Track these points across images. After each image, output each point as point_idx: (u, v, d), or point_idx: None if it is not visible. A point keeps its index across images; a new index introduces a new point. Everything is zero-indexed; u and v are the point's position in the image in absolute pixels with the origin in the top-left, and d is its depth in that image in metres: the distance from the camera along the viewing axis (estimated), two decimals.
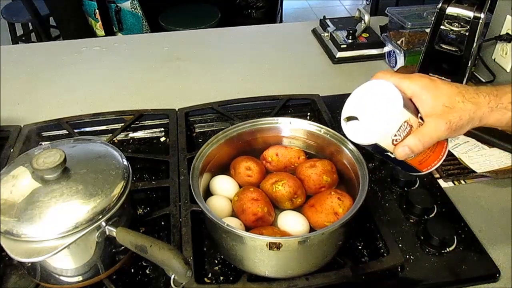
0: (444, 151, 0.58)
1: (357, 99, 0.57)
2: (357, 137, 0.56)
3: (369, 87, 0.56)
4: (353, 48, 1.21)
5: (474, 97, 0.54)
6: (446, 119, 0.53)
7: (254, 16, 2.64)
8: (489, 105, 0.54)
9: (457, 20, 0.91)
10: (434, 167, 0.59)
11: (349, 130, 0.56)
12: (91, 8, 2.22)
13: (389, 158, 0.57)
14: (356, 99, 0.57)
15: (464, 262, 0.68)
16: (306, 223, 0.68)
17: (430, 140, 0.53)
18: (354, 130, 0.56)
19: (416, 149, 0.53)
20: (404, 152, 0.53)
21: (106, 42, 1.36)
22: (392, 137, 0.53)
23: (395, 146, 0.54)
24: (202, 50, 1.30)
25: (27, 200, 0.56)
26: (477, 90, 0.55)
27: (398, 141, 0.53)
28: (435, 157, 0.58)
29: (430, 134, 0.53)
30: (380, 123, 0.53)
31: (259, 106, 1.01)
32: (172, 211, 0.73)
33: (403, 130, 0.53)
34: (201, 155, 0.70)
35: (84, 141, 0.70)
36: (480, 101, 0.54)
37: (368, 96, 0.56)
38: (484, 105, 0.54)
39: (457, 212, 0.76)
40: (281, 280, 0.63)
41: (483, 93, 0.54)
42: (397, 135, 0.53)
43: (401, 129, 0.52)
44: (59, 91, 1.12)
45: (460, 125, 0.53)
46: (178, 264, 0.52)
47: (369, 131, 0.54)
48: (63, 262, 0.60)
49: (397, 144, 0.53)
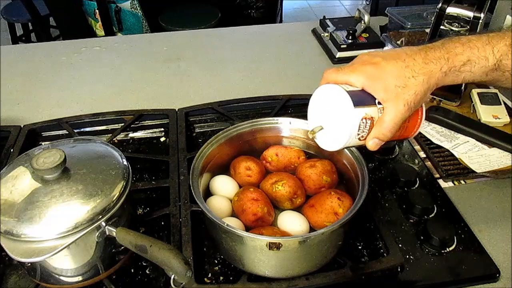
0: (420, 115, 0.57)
1: (315, 108, 0.58)
2: (328, 145, 0.56)
3: (320, 93, 0.57)
4: (353, 48, 1.21)
5: (423, 67, 0.53)
6: (403, 100, 0.52)
7: (254, 16, 2.64)
8: (442, 70, 0.53)
9: (457, 20, 0.92)
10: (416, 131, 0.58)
11: (320, 140, 0.57)
12: (91, 8, 2.22)
13: None
14: (314, 109, 0.58)
15: (464, 262, 0.68)
16: (306, 223, 0.68)
17: (395, 125, 0.53)
18: (324, 139, 0.56)
19: (385, 138, 0.53)
20: (375, 143, 0.53)
21: (106, 42, 1.36)
22: (357, 136, 0.53)
23: (365, 141, 0.54)
24: (202, 50, 1.30)
25: (27, 200, 0.56)
26: (425, 58, 0.53)
27: (364, 136, 0.53)
28: (413, 124, 0.57)
29: (392, 120, 0.52)
30: (339, 128, 0.53)
31: (259, 106, 1.02)
32: (172, 211, 0.73)
33: (364, 126, 0.53)
34: (201, 155, 0.70)
35: (84, 141, 0.70)
36: (431, 68, 0.53)
37: (322, 104, 0.56)
38: (436, 72, 0.53)
39: (457, 212, 0.76)
40: (281, 280, 0.63)
41: (433, 60, 0.53)
42: (360, 133, 0.53)
43: (361, 126, 0.52)
44: (59, 91, 1.12)
45: (418, 99, 0.53)
46: (178, 264, 0.52)
47: (334, 138, 0.54)
48: (63, 262, 0.60)
49: (365, 139, 0.53)
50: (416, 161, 0.86)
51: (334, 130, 0.55)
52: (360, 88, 0.54)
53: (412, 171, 0.82)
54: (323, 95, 0.57)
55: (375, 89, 0.53)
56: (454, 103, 0.99)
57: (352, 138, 0.53)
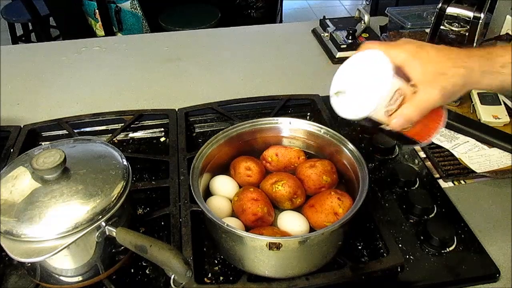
0: (441, 118, 0.56)
1: (346, 72, 0.54)
2: (348, 112, 0.53)
3: (357, 59, 0.54)
4: (353, 48, 1.21)
5: (466, 62, 0.52)
6: (439, 85, 0.50)
7: (254, 16, 2.64)
8: (481, 69, 0.52)
9: (457, 20, 0.92)
10: (433, 136, 0.56)
11: (340, 105, 0.54)
12: (91, 8, 2.22)
13: (383, 131, 0.54)
14: (345, 73, 0.54)
15: (464, 262, 0.68)
16: (306, 223, 0.68)
17: (424, 108, 0.51)
18: (345, 105, 0.53)
19: (411, 118, 0.51)
20: (399, 122, 0.51)
21: (106, 42, 1.36)
22: (385, 108, 0.51)
23: (389, 117, 0.52)
24: (202, 50, 1.30)
25: (27, 200, 0.56)
26: (469, 54, 0.53)
27: (392, 111, 0.51)
28: (433, 126, 0.55)
29: (424, 102, 0.51)
30: (371, 94, 0.50)
31: (259, 106, 1.01)
32: (172, 211, 0.73)
33: (395, 100, 0.50)
34: (201, 155, 0.70)
35: (84, 141, 0.70)
36: (472, 65, 0.52)
37: (357, 68, 0.53)
38: (476, 69, 0.52)
39: (457, 212, 0.76)
40: (281, 280, 0.63)
41: (475, 57, 0.52)
42: (388, 106, 0.50)
43: (394, 98, 0.50)
44: (59, 91, 1.12)
45: (454, 91, 0.51)
46: (178, 264, 0.52)
47: (361, 104, 0.51)
48: (63, 262, 0.60)
49: (391, 115, 0.51)
50: (416, 161, 0.86)
51: (363, 96, 0.51)
52: (399, 64, 0.52)
53: (412, 171, 0.82)
54: (360, 59, 0.54)
55: (414, 67, 0.51)
56: (454, 103, 0.99)
57: (380, 108, 0.50)
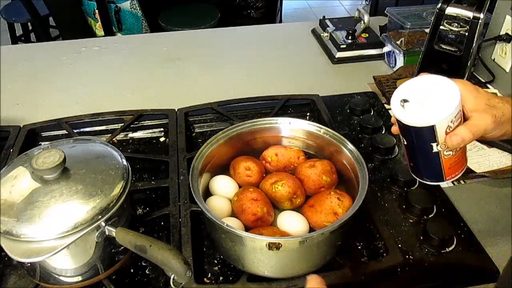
0: (466, 164, 0.62)
1: (412, 86, 0.59)
2: (415, 118, 0.57)
3: (424, 79, 0.59)
4: (352, 48, 1.21)
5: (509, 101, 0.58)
6: (491, 113, 0.56)
7: (254, 16, 2.64)
8: None
9: (457, 20, 0.91)
10: (457, 176, 0.61)
11: (404, 112, 0.58)
12: (91, 8, 2.22)
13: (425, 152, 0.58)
14: (411, 87, 0.59)
15: (464, 262, 0.68)
16: (305, 223, 0.68)
17: (478, 131, 0.56)
18: (411, 112, 0.58)
19: (467, 138, 0.56)
20: (456, 140, 0.56)
21: (105, 42, 1.36)
22: (449, 123, 0.55)
23: (447, 134, 0.56)
24: (202, 50, 1.30)
25: (26, 200, 0.56)
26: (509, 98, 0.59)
27: (451, 129, 0.56)
28: (460, 165, 0.61)
29: (478, 126, 0.56)
30: (441, 107, 0.55)
31: (259, 106, 1.01)
32: (171, 211, 0.73)
33: (457, 119, 0.56)
34: (200, 155, 0.70)
35: (84, 141, 0.70)
36: None
37: (425, 85, 0.58)
38: None
39: (456, 212, 0.76)
40: (281, 280, 0.63)
41: None
42: (453, 121, 0.55)
43: (456, 117, 0.55)
44: (59, 91, 1.12)
45: (503, 120, 0.57)
46: (178, 264, 0.52)
47: (430, 114, 0.56)
48: (62, 262, 0.60)
49: (449, 133, 0.56)
50: None
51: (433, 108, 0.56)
52: None
53: None
54: (427, 80, 0.59)
55: (468, 99, 0.57)
56: None
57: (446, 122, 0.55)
